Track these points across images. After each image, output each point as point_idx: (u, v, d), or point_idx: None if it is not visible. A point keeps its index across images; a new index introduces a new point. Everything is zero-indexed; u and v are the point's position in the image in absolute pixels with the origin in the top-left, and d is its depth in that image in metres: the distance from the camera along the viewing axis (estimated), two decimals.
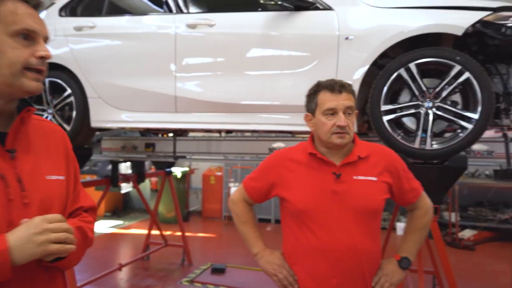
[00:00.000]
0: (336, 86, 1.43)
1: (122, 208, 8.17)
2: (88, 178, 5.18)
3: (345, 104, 1.42)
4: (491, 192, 6.13)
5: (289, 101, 2.67)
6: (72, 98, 3.24)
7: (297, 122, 2.68)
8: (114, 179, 3.99)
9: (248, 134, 4.18)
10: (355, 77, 2.50)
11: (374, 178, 1.44)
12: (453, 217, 5.76)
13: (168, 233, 5.88)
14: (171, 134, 4.16)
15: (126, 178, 4.22)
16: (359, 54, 2.49)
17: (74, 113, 3.23)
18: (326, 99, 1.43)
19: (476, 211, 6.06)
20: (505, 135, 2.56)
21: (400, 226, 5.77)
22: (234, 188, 6.86)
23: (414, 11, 2.45)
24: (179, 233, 4.93)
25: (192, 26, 2.86)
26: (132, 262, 4.56)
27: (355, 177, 1.43)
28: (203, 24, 2.83)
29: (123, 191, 7.57)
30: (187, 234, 4.95)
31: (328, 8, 2.59)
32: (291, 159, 1.51)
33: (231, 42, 2.81)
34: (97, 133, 3.80)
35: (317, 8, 2.60)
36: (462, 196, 6.00)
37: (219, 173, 7.54)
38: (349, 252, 1.39)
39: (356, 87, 2.50)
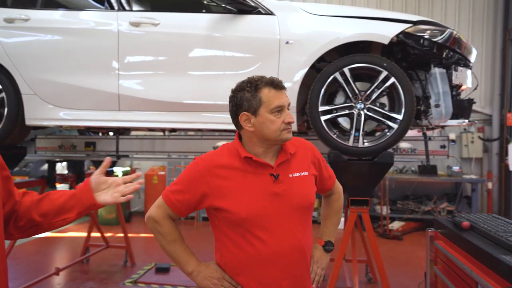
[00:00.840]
0: (278, 83, 1.40)
1: None
2: (18, 179, 4.86)
3: (287, 101, 1.41)
4: (416, 186, 6.74)
5: None
6: (3, 94, 3.05)
7: None
8: (51, 179, 3.81)
9: (192, 133, 4.21)
10: (295, 79, 2.66)
11: (305, 173, 1.45)
12: (384, 210, 6.24)
13: (109, 234, 5.70)
14: (112, 133, 4.06)
15: (64, 179, 4.04)
16: (298, 58, 2.65)
17: (5, 110, 3.05)
18: (273, 96, 1.37)
19: (403, 204, 6.62)
20: (424, 134, 2.87)
21: None
22: None
23: (347, 20, 2.67)
24: (121, 235, 4.81)
25: (135, 24, 2.84)
26: (71, 266, 4.37)
27: (290, 175, 1.41)
28: (147, 23, 2.82)
29: None
30: (129, 235, 4.84)
31: (270, 13, 2.72)
32: (220, 165, 1.40)
33: (176, 42, 2.84)
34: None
35: (259, 13, 2.73)
36: (391, 190, 6.52)
37: (162, 173, 7.42)
38: (296, 251, 1.38)
39: (296, 88, 2.67)
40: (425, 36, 2.51)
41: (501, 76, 6.57)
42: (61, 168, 4.71)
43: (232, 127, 2.86)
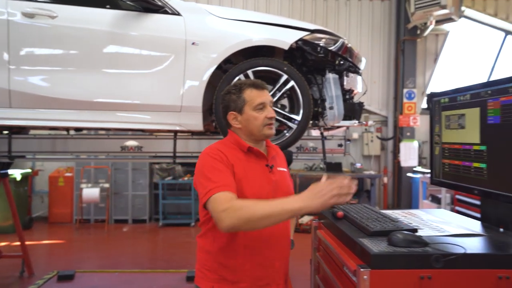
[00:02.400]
0: (259, 84, 1.57)
1: None
2: None
3: (270, 99, 1.57)
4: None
5: (144, 100, 2.73)
6: None
7: (158, 121, 2.77)
8: None
9: (103, 132, 4.02)
10: (201, 78, 2.72)
11: (285, 169, 1.66)
12: None
13: (3, 244, 5.17)
14: (7, 132, 3.70)
15: None
16: (205, 58, 2.72)
17: None
18: (255, 95, 1.54)
19: None
20: (322, 134, 3.12)
21: None
22: (86, 190, 6.42)
23: (252, 25, 2.80)
24: (18, 243, 4.40)
25: (29, 15, 2.65)
26: None
27: (279, 168, 1.61)
28: (43, 14, 2.65)
29: None
30: (29, 242, 4.45)
31: (176, 13, 2.74)
32: (229, 153, 1.51)
33: (77, 37, 2.71)
34: None
35: (166, 12, 2.73)
36: (302, 187, 6.92)
37: (69, 174, 6.94)
38: (284, 235, 1.57)
39: (202, 88, 2.72)
40: (321, 44, 2.74)
41: (395, 82, 7.37)
42: None
43: (147, 126, 2.87)
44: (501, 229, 1.38)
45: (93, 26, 2.71)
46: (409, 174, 6.86)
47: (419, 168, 6.59)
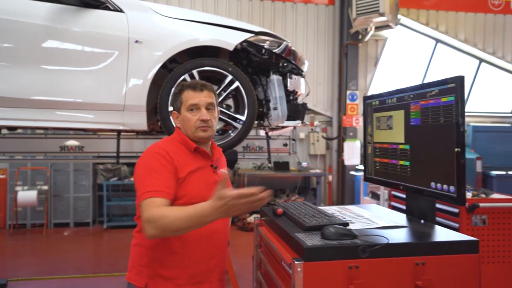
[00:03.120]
0: (197, 85, 1.57)
1: None
2: None
3: (206, 101, 1.56)
4: (272, 181, 7.39)
5: (87, 98, 2.63)
6: None
7: (100, 120, 2.68)
8: None
9: (41, 131, 3.81)
10: (145, 77, 2.67)
11: (225, 171, 1.70)
12: None
13: None
14: None
15: None
16: (148, 57, 2.68)
17: None
18: (189, 97, 1.55)
19: None
20: (267, 134, 3.20)
21: None
22: (22, 192, 6.01)
23: (199, 25, 2.81)
24: None
25: None
26: None
27: (222, 170, 1.66)
28: None
29: None
30: None
31: (119, 10, 2.67)
32: (174, 153, 1.51)
33: (9, 30, 2.56)
34: None
35: (107, 8, 2.65)
36: (252, 186, 7.00)
37: (2, 176, 6.46)
38: (222, 234, 1.60)
39: (146, 87, 2.68)
40: (265, 46, 2.81)
41: (339, 84, 7.70)
42: None
43: (89, 126, 2.76)
44: (422, 221, 1.52)
45: (27, 19, 2.56)
46: (352, 172, 7.19)
47: (360, 167, 6.94)
